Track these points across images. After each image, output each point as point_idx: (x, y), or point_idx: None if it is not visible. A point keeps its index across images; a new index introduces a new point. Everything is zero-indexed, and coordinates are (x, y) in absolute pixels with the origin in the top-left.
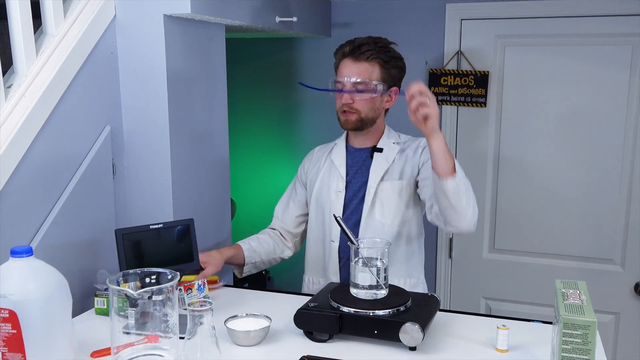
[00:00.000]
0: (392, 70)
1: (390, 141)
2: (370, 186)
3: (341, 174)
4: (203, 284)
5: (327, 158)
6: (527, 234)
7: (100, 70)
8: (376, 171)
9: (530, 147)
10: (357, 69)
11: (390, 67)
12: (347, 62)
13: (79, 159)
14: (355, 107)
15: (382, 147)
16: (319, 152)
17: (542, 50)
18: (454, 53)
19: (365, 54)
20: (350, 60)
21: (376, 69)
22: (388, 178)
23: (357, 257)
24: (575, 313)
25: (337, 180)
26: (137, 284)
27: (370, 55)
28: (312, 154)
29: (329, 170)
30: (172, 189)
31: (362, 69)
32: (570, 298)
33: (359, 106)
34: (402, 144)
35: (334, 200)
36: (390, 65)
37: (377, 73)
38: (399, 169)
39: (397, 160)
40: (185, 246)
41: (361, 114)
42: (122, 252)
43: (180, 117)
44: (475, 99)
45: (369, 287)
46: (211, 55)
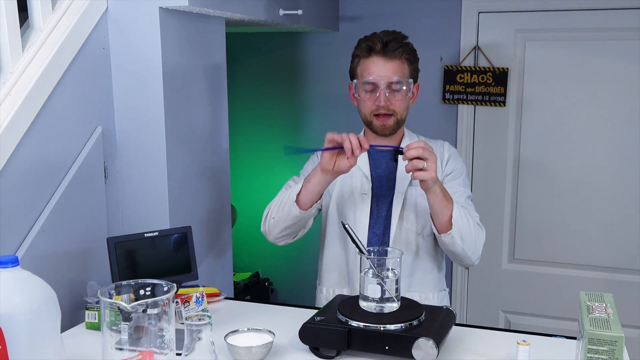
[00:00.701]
0: (416, 66)
1: None
2: (399, 191)
3: (365, 174)
4: (201, 296)
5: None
6: (549, 243)
7: (91, 67)
8: (404, 176)
9: (552, 149)
10: (391, 67)
11: (415, 63)
12: (379, 61)
13: (69, 162)
14: (392, 107)
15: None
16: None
17: (565, 45)
18: (471, 48)
19: (397, 51)
20: (381, 59)
21: (406, 66)
22: (416, 183)
23: (366, 268)
24: (601, 327)
25: (361, 182)
26: (131, 297)
27: (401, 52)
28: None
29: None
30: (169, 195)
31: (396, 67)
32: (596, 311)
33: (396, 106)
34: None
35: (358, 202)
36: (415, 62)
37: (407, 70)
38: None
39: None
40: (183, 256)
41: (398, 115)
42: (115, 262)
43: (177, 118)
44: (493, 97)
45: (379, 299)
46: (210, 51)
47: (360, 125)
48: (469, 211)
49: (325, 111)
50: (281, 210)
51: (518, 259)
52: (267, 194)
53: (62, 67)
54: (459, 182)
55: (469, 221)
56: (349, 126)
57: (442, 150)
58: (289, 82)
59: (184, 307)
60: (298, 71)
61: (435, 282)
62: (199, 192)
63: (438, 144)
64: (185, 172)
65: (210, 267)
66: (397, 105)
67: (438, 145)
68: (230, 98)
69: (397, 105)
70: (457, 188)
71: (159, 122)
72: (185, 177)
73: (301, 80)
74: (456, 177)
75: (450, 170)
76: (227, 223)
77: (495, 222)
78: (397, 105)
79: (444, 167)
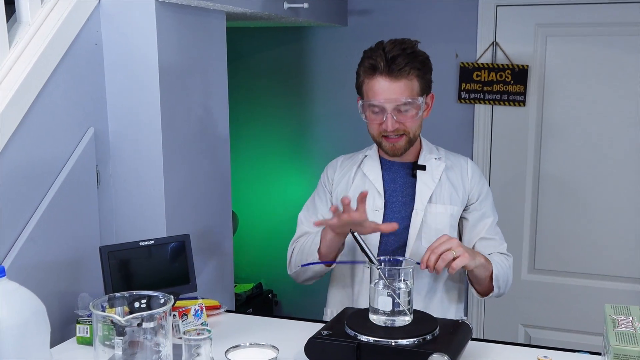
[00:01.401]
0: (427, 77)
1: (431, 157)
2: (418, 208)
3: (378, 189)
4: (200, 309)
5: (358, 171)
6: (571, 252)
7: (82, 64)
8: (423, 192)
9: (575, 152)
10: (397, 88)
11: (426, 74)
12: (383, 82)
13: (58, 165)
14: (402, 128)
15: (424, 163)
16: (345, 163)
17: (590, 41)
18: (489, 44)
19: (403, 70)
20: (386, 80)
21: (415, 83)
22: (437, 200)
23: (376, 278)
24: (627, 342)
25: (373, 197)
26: (125, 309)
27: (408, 70)
28: (335, 163)
29: (361, 185)
30: (165, 201)
31: (403, 86)
32: (622, 325)
33: (407, 127)
34: (444, 160)
35: (370, 219)
36: (425, 72)
37: (417, 86)
38: (447, 190)
39: (444, 180)
40: (180, 266)
41: (410, 134)
42: (108, 273)
43: (174, 118)
44: (512, 97)
45: (390, 312)
46: (210, 47)
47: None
48: (499, 256)
49: (334, 112)
50: (304, 261)
51: (539, 270)
52: (271, 200)
53: (51, 64)
54: (486, 211)
55: (504, 269)
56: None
57: (466, 169)
58: (294, 80)
59: (181, 320)
60: (304, 69)
61: (452, 312)
62: (198, 197)
63: (460, 160)
64: (183, 176)
65: (209, 278)
66: (408, 125)
67: (461, 162)
68: (231, 98)
69: (408, 125)
70: (485, 219)
71: (155, 123)
72: (183, 182)
73: (307, 79)
74: (483, 204)
75: (476, 196)
76: (228, 231)
77: (515, 230)
78: (408, 125)
79: (468, 190)
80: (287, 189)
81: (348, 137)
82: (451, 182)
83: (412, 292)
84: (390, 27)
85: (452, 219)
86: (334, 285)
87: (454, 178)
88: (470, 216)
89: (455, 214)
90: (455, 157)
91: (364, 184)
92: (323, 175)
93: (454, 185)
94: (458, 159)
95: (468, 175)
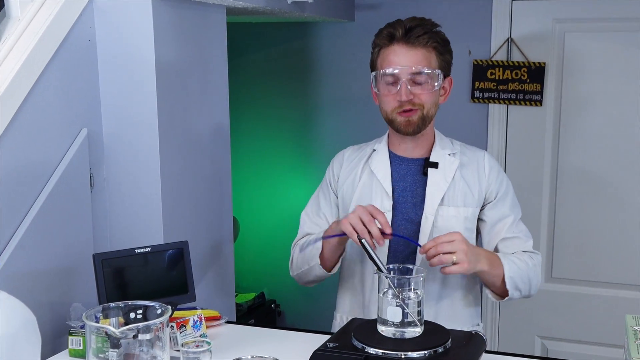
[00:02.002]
0: (447, 57)
1: (445, 152)
2: (428, 212)
3: (386, 190)
4: (199, 320)
5: (365, 167)
6: (591, 260)
7: (75, 61)
8: (434, 193)
9: (596, 154)
10: (414, 56)
11: (445, 54)
12: (400, 49)
13: (50, 168)
14: (417, 101)
15: (436, 160)
16: (352, 156)
17: (611, 37)
18: (504, 41)
19: (421, 38)
20: (403, 47)
21: (433, 56)
22: (449, 202)
23: (385, 288)
24: None
25: (381, 198)
26: (120, 320)
27: (427, 39)
28: (341, 156)
29: (368, 184)
30: (162, 206)
31: (421, 56)
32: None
33: (422, 100)
34: (459, 155)
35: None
36: (445, 52)
37: (434, 60)
38: (461, 191)
39: (458, 179)
40: (178, 274)
41: (424, 110)
42: (102, 282)
43: (172, 119)
44: (529, 96)
45: (400, 324)
46: (209, 44)
47: (380, 128)
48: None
49: (340, 112)
50: (306, 264)
51: (556, 278)
52: (274, 205)
53: (42, 62)
54: (505, 210)
55: (523, 270)
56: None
57: (483, 164)
58: (299, 78)
59: (179, 332)
60: (309, 66)
61: (466, 317)
62: (197, 202)
63: (477, 154)
64: (181, 180)
65: (209, 287)
66: (424, 99)
67: (477, 157)
68: (232, 97)
69: (423, 99)
70: (504, 219)
71: (152, 123)
72: (181, 186)
73: (312, 77)
74: (501, 202)
75: (494, 194)
76: (229, 237)
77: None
78: (424, 99)
79: (485, 188)
80: (292, 193)
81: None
82: (466, 181)
83: (423, 302)
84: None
85: (467, 222)
86: (344, 289)
87: (469, 176)
88: (488, 216)
89: (471, 216)
90: (472, 151)
91: (371, 183)
92: (328, 170)
93: (469, 185)
94: (475, 154)
95: (485, 172)
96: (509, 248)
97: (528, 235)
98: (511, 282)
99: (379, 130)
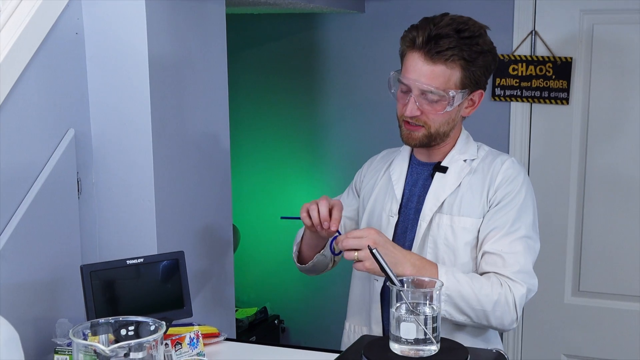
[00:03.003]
0: (477, 72)
1: (461, 157)
2: (422, 218)
3: (396, 193)
4: (196, 337)
5: (387, 171)
6: (622, 273)
7: (61, 56)
8: (433, 198)
9: (627, 158)
10: (430, 72)
11: (475, 68)
12: (418, 60)
13: (33, 173)
14: (423, 119)
15: (447, 165)
16: (382, 160)
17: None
18: (527, 34)
19: (444, 53)
20: (422, 58)
21: (456, 73)
22: (449, 210)
23: (399, 302)
24: None
25: (391, 201)
26: (110, 337)
27: (450, 54)
28: (374, 159)
29: (385, 187)
30: (156, 213)
31: (438, 72)
32: None
33: (429, 119)
34: (477, 162)
35: (384, 226)
36: (475, 66)
37: (457, 77)
38: (466, 200)
39: (465, 186)
40: (173, 287)
41: (430, 129)
42: (91, 296)
43: (166, 118)
44: (554, 93)
45: (414, 341)
46: (208, 37)
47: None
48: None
49: (350, 111)
50: (294, 254)
51: (584, 292)
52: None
53: (25, 57)
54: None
55: (465, 290)
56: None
57: (498, 170)
58: (304, 75)
59: (175, 350)
60: (315, 62)
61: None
62: (194, 209)
63: (497, 160)
64: (176, 185)
65: (207, 301)
66: (431, 118)
67: (496, 162)
68: (232, 95)
69: (430, 118)
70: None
71: (145, 124)
72: (176, 192)
73: (319, 74)
74: (502, 211)
75: (497, 199)
76: (228, 247)
77: (557, 247)
78: (431, 118)
79: (490, 196)
80: (296, 200)
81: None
82: (472, 190)
83: (439, 317)
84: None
85: (465, 233)
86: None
87: (477, 184)
88: (483, 225)
89: (469, 227)
90: (493, 158)
91: (387, 186)
92: (358, 173)
93: (475, 193)
94: (494, 161)
95: (497, 179)
96: (486, 266)
97: (518, 259)
98: (447, 299)
99: (390, 134)
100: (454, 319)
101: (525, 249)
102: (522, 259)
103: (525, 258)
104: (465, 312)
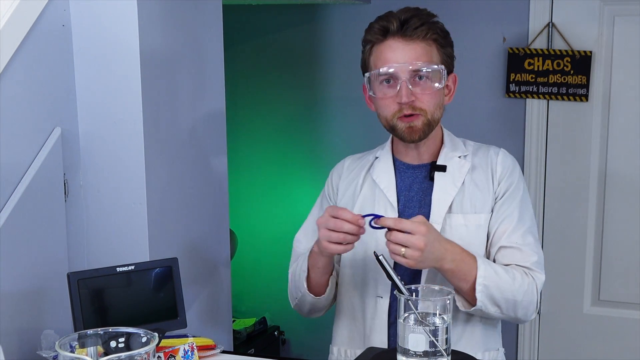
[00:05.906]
0: (449, 51)
1: (454, 155)
2: (434, 220)
3: (390, 200)
4: (191, 349)
5: (367, 177)
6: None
7: (47, 50)
8: (441, 199)
9: None
10: (413, 51)
11: (447, 47)
12: (396, 44)
13: (17, 174)
14: (419, 105)
15: (444, 163)
16: (352, 166)
17: None
18: (543, 26)
19: (419, 30)
20: (399, 41)
21: (434, 50)
22: (459, 209)
23: (407, 312)
24: None
25: (384, 209)
26: (99, 350)
27: (425, 31)
28: (341, 166)
29: (371, 195)
30: (148, 217)
31: (420, 50)
32: None
33: (424, 103)
34: (470, 157)
35: (380, 238)
36: (447, 44)
37: (436, 55)
38: (472, 196)
39: (469, 184)
40: (166, 296)
41: (428, 114)
42: (78, 305)
43: (159, 116)
44: (573, 89)
45: (423, 353)
46: (203, 30)
47: None
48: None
49: (353, 108)
50: (298, 291)
51: (604, 301)
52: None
53: (8, 51)
54: (509, 213)
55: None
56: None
57: (495, 162)
58: (305, 70)
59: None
60: (316, 56)
61: (481, 339)
62: (188, 213)
63: (490, 154)
64: (170, 187)
65: (202, 311)
66: (426, 102)
67: (490, 156)
68: (229, 91)
69: (425, 102)
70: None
71: (136, 122)
72: (169, 195)
73: (320, 68)
74: (507, 202)
75: (503, 190)
76: (225, 254)
77: (575, 254)
78: (426, 102)
79: (495, 188)
80: (297, 203)
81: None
82: (477, 186)
83: (450, 329)
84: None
85: (480, 230)
86: (341, 318)
87: (480, 179)
88: (493, 217)
89: (483, 224)
90: (485, 151)
91: (373, 194)
92: (327, 182)
93: (480, 189)
94: (487, 153)
95: (497, 171)
96: (504, 259)
97: (534, 250)
98: (484, 290)
99: None
100: (486, 310)
101: (535, 239)
102: (536, 248)
103: (538, 248)
104: (498, 303)
